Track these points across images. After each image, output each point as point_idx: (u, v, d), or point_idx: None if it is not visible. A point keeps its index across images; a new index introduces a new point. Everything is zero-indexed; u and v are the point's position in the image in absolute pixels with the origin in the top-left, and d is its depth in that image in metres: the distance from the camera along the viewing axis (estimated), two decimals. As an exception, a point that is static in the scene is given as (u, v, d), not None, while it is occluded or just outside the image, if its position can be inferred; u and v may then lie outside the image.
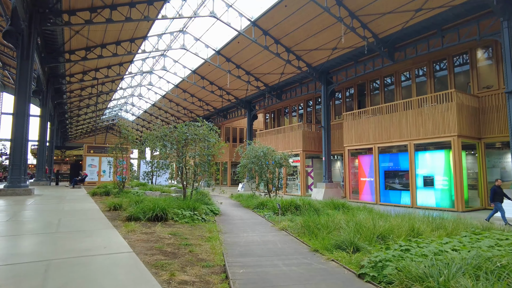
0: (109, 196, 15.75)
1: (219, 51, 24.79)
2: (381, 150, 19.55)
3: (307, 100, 27.83)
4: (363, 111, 20.56)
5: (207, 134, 11.56)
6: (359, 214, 8.86)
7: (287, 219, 9.39)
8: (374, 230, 6.39)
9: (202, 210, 9.93)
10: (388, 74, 21.85)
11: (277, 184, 15.23)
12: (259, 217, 10.85)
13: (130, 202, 10.54)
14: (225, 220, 10.01)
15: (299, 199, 11.56)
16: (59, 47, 20.24)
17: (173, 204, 9.89)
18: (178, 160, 11.27)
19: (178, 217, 8.91)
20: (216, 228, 8.06)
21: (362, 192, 20.43)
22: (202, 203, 11.41)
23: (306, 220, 7.67)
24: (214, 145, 11.69)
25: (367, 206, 12.74)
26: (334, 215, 8.36)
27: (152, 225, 7.87)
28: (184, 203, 9.92)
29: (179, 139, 11.22)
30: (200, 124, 11.85)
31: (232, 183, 37.44)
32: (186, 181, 11.55)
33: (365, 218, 7.60)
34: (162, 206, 8.82)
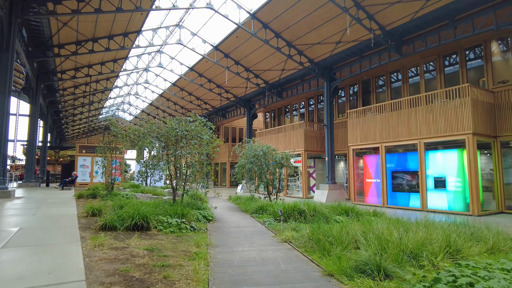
0: (96, 198, 14.42)
1: (217, 47, 23.43)
2: (388, 150, 18.16)
3: (309, 98, 26.44)
4: (369, 108, 19.17)
5: (199, 131, 10.18)
6: (376, 222, 7.45)
7: (291, 227, 7.99)
8: (402, 245, 5.00)
9: (192, 216, 8.55)
10: (395, 70, 20.48)
11: (278, 186, 13.83)
12: (258, 224, 9.46)
13: (113, 207, 9.15)
14: (218, 228, 8.62)
15: (303, 203, 10.16)
16: (46, 40, 18.88)
17: (159, 210, 8.51)
18: (167, 160, 9.90)
19: (163, 225, 7.52)
20: (206, 240, 6.66)
21: (368, 194, 19.03)
22: (194, 208, 10.02)
23: (315, 231, 6.27)
24: (208, 143, 10.32)
25: (376, 209, 11.36)
26: (346, 224, 6.95)
27: (129, 236, 6.48)
28: (172, 209, 8.53)
29: (168, 136, 9.85)
30: (192, 119, 10.46)
31: (231, 185, 36.02)
32: (176, 183, 10.17)
33: (385, 228, 6.20)
34: (144, 212, 7.42)
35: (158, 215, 8.11)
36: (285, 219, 9.06)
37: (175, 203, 9.87)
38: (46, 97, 28.01)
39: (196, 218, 9.24)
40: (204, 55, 23.93)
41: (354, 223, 7.35)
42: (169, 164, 9.86)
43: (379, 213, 11.16)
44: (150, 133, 10.15)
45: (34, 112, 22.89)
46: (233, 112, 33.41)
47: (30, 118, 22.99)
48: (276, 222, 9.32)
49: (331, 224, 7.51)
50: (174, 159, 10.02)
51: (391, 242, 5.18)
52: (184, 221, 7.96)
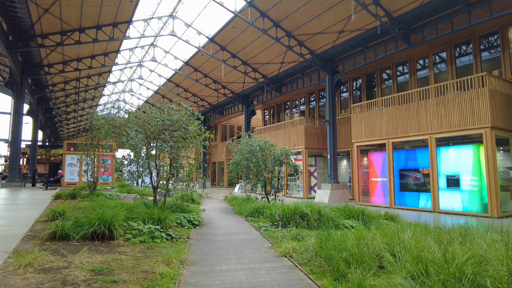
0: (75, 199, 12.89)
1: (213, 38, 21.90)
2: (395, 146, 16.64)
3: (310, 93, 24.90)
4: (374, 102, 17.62)
5: (185, 121, 8.64)
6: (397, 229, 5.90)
7: (291, 234, 6.46)
8: (451, 266, 3.45)
9: (171, 221, 7.00)
10: (401, 62, 18.96)
11: (277, 185, 12.27)
12: (253, 230, 7.93)
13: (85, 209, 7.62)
14: (204, 235, 7.09)
15: (305, 204, 8.62)
16: (27, 28, 17.34)
17: (133, 213, 6.97)
18: (146, 154, 8.38)
19: (132, 233, 5.99)
20: (182, 253, 5.12)
21: (374, 194, 17.50)
22: (178, 210, 8.49)
23: (323, 243, 4.72)
24: (194, 136, 8.78)
25: (388, 211, 9.82)
26: (361, 232, 5.40)
27: (81, 248, 4.93)
28: (148, 212, 6.97)
29: (148, 126, 8.34)
30: (176, 107, 8.93)
31: (229, 184, 34.49)
32: (157, 182, 8.63)
33: (415, 239, 4.66)
34: (109, 217, 5.87)
35: (130, 219, 6.57)
36: (284, 224, 7.52)
37: (156, 205, 8.32)
38: (35, 93, 26.45)
39: (179, 223, 7.70)
40: (199, 47, 22.39)
41: (371, 230, 5.79)
42: (148, 160, 8.33)
43: (392, 215, 9.62)
44: (128, 124, 8.64)
45: (18, 107, 21.32)
46: (231, 109, 31.86)
47: (14, 114, 21.43)
48: (274, 227, 7.78)
49: (341, 231, 5.96)
50: (156, 155, 8.50)
51: (432, 261, 3.63)
52: (160, 227, 6.40)
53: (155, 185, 8.61)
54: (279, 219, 6.32)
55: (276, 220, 7.77)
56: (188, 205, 9.59)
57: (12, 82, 21.28)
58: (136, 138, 8.04)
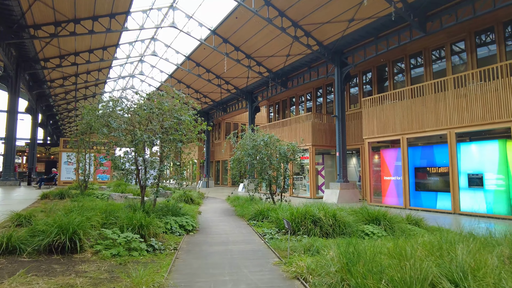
0: (64, 199, 11.77)
1: (215, 30, 20.65)
2: (410, 143, 15.30)
3: (317, 88, 23.54)
4: (386, 95, 16.26)
5: (177, 110, 7.40)
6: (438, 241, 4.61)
7: (303, 246, 5.20)
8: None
9: (157, 228, 5.75)
10: (415, 53, 17.55)
11: (283, 184, 10.98)
12: (255, 237, 6.66)
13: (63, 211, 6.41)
14: (196, 245, 5.84)
15: (316, 207, 7.32)
16: (18, 18, 16.22)
17: (112, 217, 5.73)
18: (134, 149, 7.16)
19: (104, 244, 4.74)
20: (161, 274, 3.85)
21: (386, 194, 16.15)
22: (170, 213, 7.24)
23: (351, 263, 3.42)
24: (188, 126, 7.54)
25: (411, 214, 8.50)
26: (399, 245, 4.10)
27: (26, 266, 3.69)
28: (128, 217, 5.72)
29: (134, 116, 7.14)
30: (170, 94, 7.70)
31: (233, 183, 33.25)
32: (144, 181, 7.39)
33: (471, 255, 3.37)
34: (75, 223, 4.64)
35: (106, 225, 5.33)
36: (294, 231, 6.23)
37: (143, 207, 7.08)
38: (32, 89, 25.40)
39: (169, 229, 6.47)
40: (201, 40, 21.17)
41: (407, 241, 4.49)
42: (131, 154, 7.11)
43: (415, 219, 8.30)
44: (112, 114, 7.44)
45: (13, 103, 20.26)
46: (234, 105, 30.59)
47: (9, 110, 20.36)
48: (281, 234, 6.51)
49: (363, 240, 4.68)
50: (143, 148, 7.27)
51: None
52: (140, 236, 5.15)
53: (142, 184, 7.39)
54: (288, 227, 5.04)
55: (283, 225, 6.49)
56: (182, 206, 8.33)
57: (6, 76, 20.23)
58: (119, 129, 6.85)
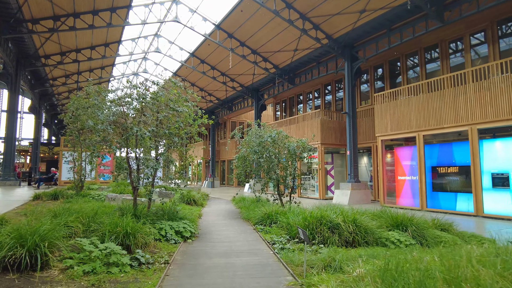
0: (57, 200, 11.00)
1: (219, 25, 19.76)
2: (426, 140, 14.25)
3: (325, 84, 22.51)
4: (400, 90, 15.21)
5: (175, 100, 6.49)
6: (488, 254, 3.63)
7: (321, 259, 4.25)
8: None
9: (147, 236, 4.84)
10: (431, 45, 16.46)
11: (292, 184, 10.00)
12: (263, 245, 5.73)
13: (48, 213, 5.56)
14: (193, 257, 4.92)
15: (332, 210, 6.37)
16: (15, 12, 15.48)
17: (95, 223, 4.83)
18: (121, 143, 6.27)
19: (77, 258, 3.83)
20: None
21: (401, 195, 15.11)
22: (166, 217, 6.33)
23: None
24: (187, 119, 6.63)
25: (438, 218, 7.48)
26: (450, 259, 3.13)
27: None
28: (113, 223, 4.82)
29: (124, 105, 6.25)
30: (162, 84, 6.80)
31: (238, 183, 32.34)
32: (135, 180, 6.50)
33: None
34: (42, 232, 3.74)
35: (88, 233, 4.43)
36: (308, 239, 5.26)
37: (135, 210, 6.17)
38: (34, 88, 24.75)
39: (163, 236, 5.57)
40: (205, 35, 20.30)
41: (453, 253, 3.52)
42: (118, 149, 6.22)
43: (443, 223, 7.28)
44: (100, 105, 6.56)
45: (13, 101, 19.57)
46: (240, 104, 29.66)
47: (9, 108, 19.68)
48: (293, 243, 5.56)
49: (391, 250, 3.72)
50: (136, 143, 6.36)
51: None
52: (120, 248, 4.22)
53: (135, 185, 6.48)
54: (305, 238, 4.07)
55: (295, 232, 5.54)
56: (181, 209, 7.41)
57: (6, 74, 19.55)
58: (106, 121, 5.98)
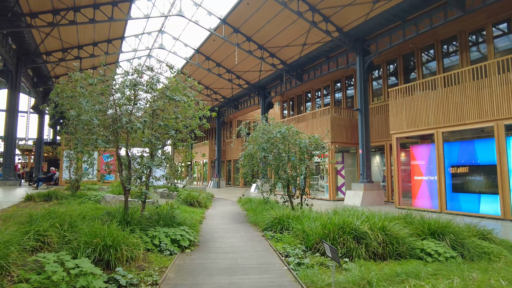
0: (50, 201, 10.19)
1: (225, 19, 18.87)
2: (446, 137, 13.19)
3: (335, 81, 21.46)
4: (417, 84, 14.14)
5: (172, 89, 5.59)
6: None
7: (352, 279, 3.28)
8: None
9: (134, 248, 3.92)
10: (449, 37, 15.36)
11: (305, 185, 9.02)
12: (275, 258, 4.79)
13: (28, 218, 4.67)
14: (189, 274, 4.03)
15: (353, 214, 5.38)
16: (12, 6, 14.73)
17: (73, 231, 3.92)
18: (108, 137, 5.39)
19: (34, 281, 2.91)
20: None
21: (417, 196, 14.06)
22: (162, 223, 5.42)
23: None
24: (186, 110, 5.72)
25: (473, 224, 6.45)
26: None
27: None
28: (93, 231, 3.90)
29: (109, 93, 5.39)
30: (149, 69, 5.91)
31: (245, 184, 31.40)
32: (126, 180, 5.61)
33: None
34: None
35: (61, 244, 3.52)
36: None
37: (126, 214, 5.27)
38: (37, 86, 24.11)
39: (157, 245, 4.66)
40: (210, 30, 19.42)
41: None
42: (106, 145, 5.32)
43: (481, 231, 6.24)
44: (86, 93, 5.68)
45: (13, 99, 18.88)
46: (246, 102, 28.72)
47: (9, 106, 18.98)
48: (310, 254, 4.59)
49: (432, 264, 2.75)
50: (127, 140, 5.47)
51: None
52: (93, 267, 3.30)
53: (125, 185, 5.59)
54: (334, 256, 3.09)
55: (313, 242, 4.57)
56: (179, 213, 6.49)
57: (6, 71, 18.86)
58: (91, 110, 5.11)
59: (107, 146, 5.40)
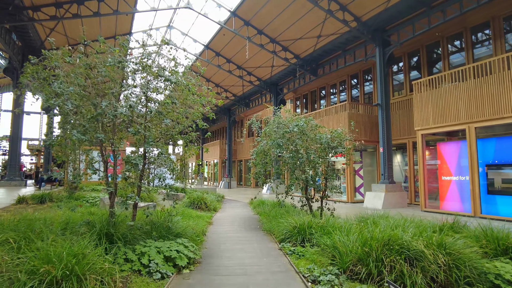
0: (44, 204, 9.23)
1: (235, 12, 17.74)
2: (479, 133, 11.74)
3: (352, 75, 20.07)
4: (445, 75, 12.73)
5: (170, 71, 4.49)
6: None
7: None
8: None
9: (107, 274, 2.76)
10: (479, 24, 13.88)
11: (325, 187, 7.78)
12: (298, 285, 3.57)
13: None
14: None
15: (399, 224, 4.09)
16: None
17: (34, 249, 2.81)
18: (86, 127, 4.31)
19: None
20: None
21: (445, 198, 12.64)
22: (152, 236, 4.27)
23: None
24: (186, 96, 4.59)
25: None
26: None
27: None
28: (46, 253, 2.77)
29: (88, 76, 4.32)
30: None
31: (257, 184, 30.21)
32: (110, 180, 4.51)
33: None
34: None
35: (12, 266, 2.40)
36: (369, 275, 3.09)
37: (112, 221, 4.15)
38: (45, 85, 23.40)
39: (145, 265, 3.52)
40: (220, 23, 18.34)
41: None
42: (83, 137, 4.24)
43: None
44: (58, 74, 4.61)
45: (18, 98, 18.07)
46: (258, 100, 27.53)
47: (14, 106, 18.26)
48: (345, 280, 3.38)
49: None
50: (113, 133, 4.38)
51: None
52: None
53: (109, 186, 4.48)
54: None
55: (349, 264, 3.37)
56: (179, 220, 5.34)
57: (11, 68, 18.13)
58: (65, 93, 4.05)
59: (83, 138, 4.35)
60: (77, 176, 5.35)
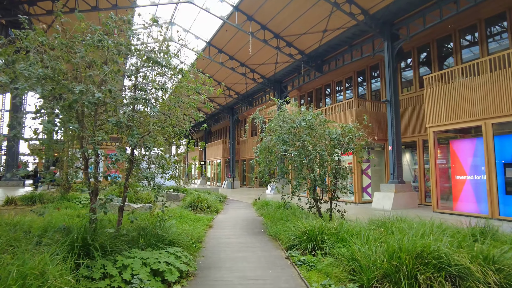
0: (34, 205, 8.66)
1: (238, 6, 17.11)
2: (496, 130, 11.00)
3: (358, 72, 19.34)
4: (458, 69, 11.99)
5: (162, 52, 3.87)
6: None
7: None
8: None
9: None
10: (494, 15, 13.14)
11: (335, 187, 7.11)
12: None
13: None
14: None
15: (432, 233, 3.41)
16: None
17: None
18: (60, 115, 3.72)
19: None
20: None
21: (459, 198, 11.91)
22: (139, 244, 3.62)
23: None
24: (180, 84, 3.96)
25: None
26: None
27: None
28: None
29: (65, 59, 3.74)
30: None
31: (260, 184, 29.56)
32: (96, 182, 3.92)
33: None
34: None
35: None
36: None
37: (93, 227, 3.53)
38: (45, 83, 22.91)
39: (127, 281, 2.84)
40: (222, 18, 17.72)
41: None
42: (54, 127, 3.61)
43: None
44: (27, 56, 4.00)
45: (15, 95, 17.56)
46: (261, 98, 26.86)
47: (12, 106, 17.77)
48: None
49: None
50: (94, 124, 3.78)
51: None
52: None
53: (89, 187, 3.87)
54: None
55: (372, 280, 2.70)
56: (173, 224, 4.71)
57: (9, 66, 17.52)
58: (33, 76, 3.45)
59: (54, 128, 3.75)
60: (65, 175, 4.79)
